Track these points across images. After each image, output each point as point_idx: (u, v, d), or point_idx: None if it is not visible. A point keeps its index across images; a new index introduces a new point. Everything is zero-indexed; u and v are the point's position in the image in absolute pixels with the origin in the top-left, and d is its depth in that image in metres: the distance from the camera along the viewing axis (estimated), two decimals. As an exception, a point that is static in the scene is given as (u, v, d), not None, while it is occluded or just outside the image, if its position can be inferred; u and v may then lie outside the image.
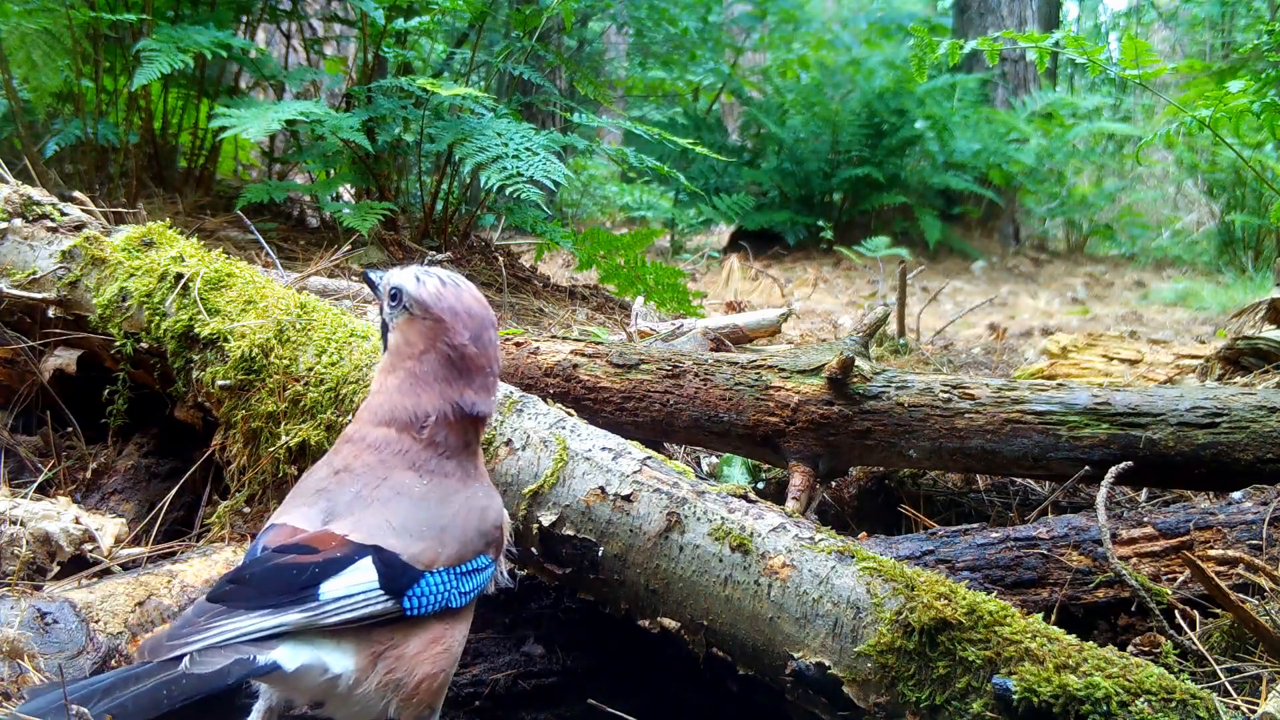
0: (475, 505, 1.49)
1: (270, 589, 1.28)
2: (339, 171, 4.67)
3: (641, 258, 4.75)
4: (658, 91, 12.41)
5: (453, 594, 1.41)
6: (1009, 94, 11.71)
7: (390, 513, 1.41)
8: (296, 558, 1.32)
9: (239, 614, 1.25)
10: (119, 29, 4.19)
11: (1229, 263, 9.99)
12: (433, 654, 1.38)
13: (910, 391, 2.52)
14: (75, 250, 2.45)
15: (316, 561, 1.32)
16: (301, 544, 1.35)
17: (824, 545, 1.70)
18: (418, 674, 1.37)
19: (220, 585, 1.30)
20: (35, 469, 2.52)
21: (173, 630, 1.24)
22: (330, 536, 1.36)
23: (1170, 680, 1.47)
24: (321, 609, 1.29)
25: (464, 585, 1.43)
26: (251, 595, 1.27)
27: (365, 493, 1.44)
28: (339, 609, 1.30)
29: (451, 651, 1.42)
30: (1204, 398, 2.40)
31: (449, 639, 1.41)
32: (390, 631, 1.35)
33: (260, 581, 1.29)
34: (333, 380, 2.06)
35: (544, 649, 2.07)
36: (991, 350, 5.58)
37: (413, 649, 1.37)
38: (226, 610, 1.25)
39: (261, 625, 1.25)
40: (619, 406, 2.61)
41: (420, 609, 1.36)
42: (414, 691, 1.37)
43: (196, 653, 1.21)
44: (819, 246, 10.45)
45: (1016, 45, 3.86)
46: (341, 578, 1.31)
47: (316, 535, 1.37)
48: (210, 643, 1.22)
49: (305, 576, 1.30)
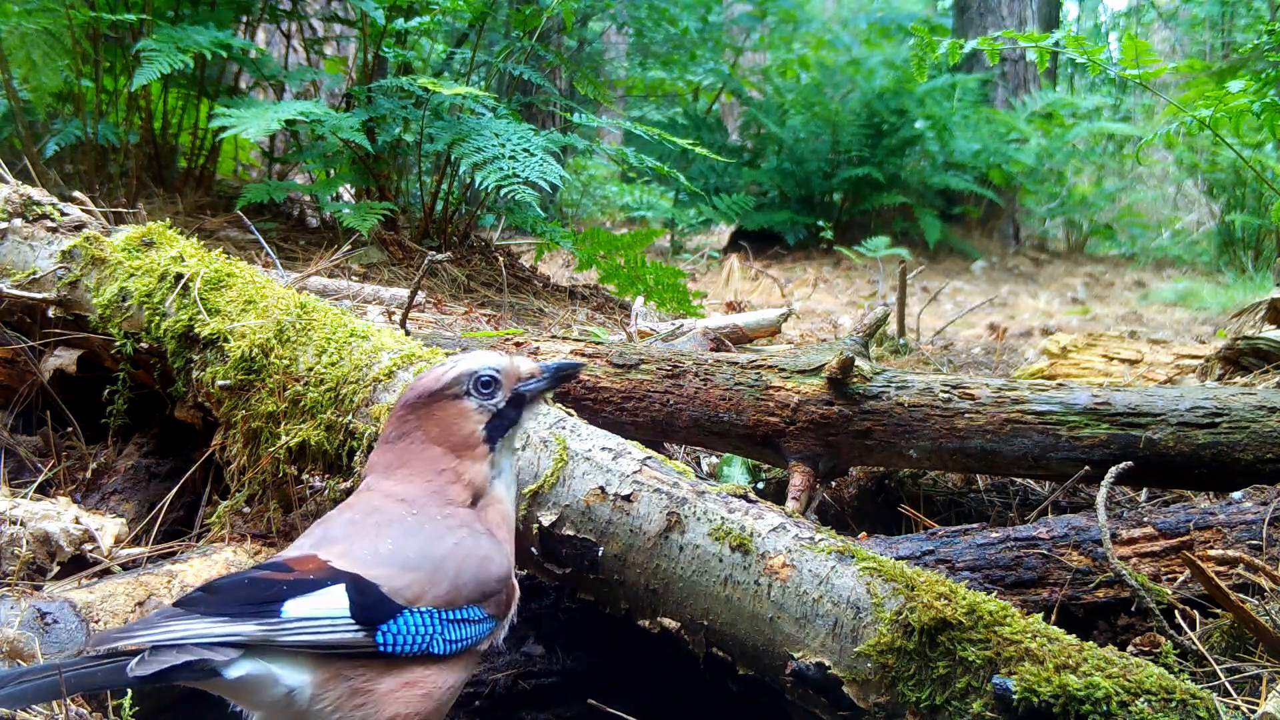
0: (476, 552, 1.44)
1: (233, 600, 1.27)
2: (339, 171, 4.68)
3: (641, 258, 4.75)
4: (658, 91, 12.42)
5: (435, 639, 1.34)
6: (1009, 94, 11.71)
7: (380, 541, 1.38)
8: (269, 574, 1.31)
9: (195, 618, 1.24)
10: (119, 29, 4.20)
11: (1229, 263, 9.99)
12: (406, 696, 1.32)
13: (910, 391, 2.52)
14: (75, 250, 2.45)
15: (286, 580, 1.30)
16: (279, 564, 1.34)
17: (824, 545, 1.70)
18: (386, 713, 1.31)
19: (190, 594, 1.30)
20: (35, 469, 2.52)
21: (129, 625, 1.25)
22: (310, 560, 1.34)
23: (1170, 680, 1.47)
24: (281, 626, 1.26)
25: (450, 633, 1.36)
26: (214, 604, 1.26)
27: (358, 519, 1.42)
28: (299, 629, 1.27)
29: (432, 698, 1.35)
30: (1204, 398, 2.40)
31: (429, 685, 1.35)
32: (362, 665, 1.31)
33: (226, 592, 1.28)
34: (333, 380, 2.06)
35: (544, 649, 2.07)
36: (991, 350, 5.58)
37: (385, 687, 1.31)
38: (184, 614, 1.24)
39: (214, 631, 1.23)
40: (619, 406, 2.61)
41: (396, 647, 1.31)
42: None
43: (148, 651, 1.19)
44: (819, 246, 10.45)
45: (1016, 45, 3.87)
46: (308, 599, 1.28)
47: (298, 558, 1.36)
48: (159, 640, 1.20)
49: (271, 593, 1.28)
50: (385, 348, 2.10)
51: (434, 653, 1.34)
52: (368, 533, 1.40)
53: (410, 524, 1.42)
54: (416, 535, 1.41)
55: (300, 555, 1.36)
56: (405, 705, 1.32)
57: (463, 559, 1.41)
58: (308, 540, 1.42)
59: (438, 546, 1.41)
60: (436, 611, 1.35)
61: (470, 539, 1.45)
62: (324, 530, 1.43)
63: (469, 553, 1.43)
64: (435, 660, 1.35)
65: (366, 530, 1.40)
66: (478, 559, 1.43)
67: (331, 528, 1.43)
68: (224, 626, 1.24)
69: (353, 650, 1.29)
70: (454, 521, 1.46)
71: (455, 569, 1.39)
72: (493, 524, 1.53)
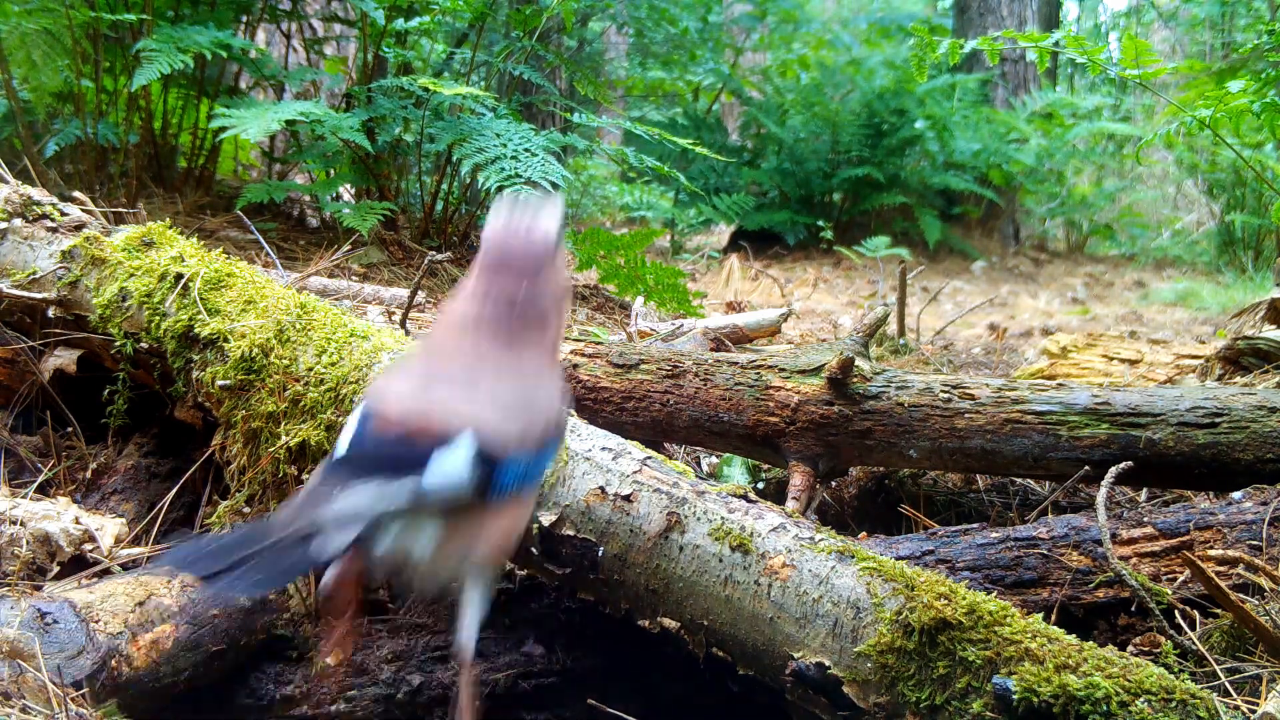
0: (555, 394, 1.58)
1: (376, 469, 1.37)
2: (339, 171, 4.67)
3: (641, 258, 4.74)
4: (658, 91, 12.42)
5: (531, 475, 1.52)
6: (1009, 94, 11.71)
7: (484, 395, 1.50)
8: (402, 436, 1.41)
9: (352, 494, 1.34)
10: (119, 29, 4.19)
11: (1229, 263, 9.99)
12: (504, 525, 1.50)
13: (910, 391, 2.52)
14: (75, 250, 2.45)
15: (417, 446, 1.40)
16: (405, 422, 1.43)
17: (824, 545, 1.70)
18: (493, 540, 1.50)
19: (332, 463, 1.41)
20: (35, 469, 2.52)
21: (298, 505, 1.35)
22: (427, 420, 1.44)
23: (1170, 680, 1.47)
24: (423, 491, 1.37)
25: (541, 465, 1.55)
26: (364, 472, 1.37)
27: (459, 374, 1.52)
28: (437, 490, 1.38)
29: (524, 517, 1.56)
30: (1204, 398, 2.40)
31: (522, 509, 1.54)
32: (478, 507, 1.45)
33: (371, 460, 1.39)
34: (333, 380, 2.06)
35: (544, 649, 2.07)
36: (991, 350, 5.58)
37: (490, 520, 1.48)
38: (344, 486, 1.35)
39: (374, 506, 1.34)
40: (619, 406, 2.61)
41: (505, 489, 1.46)
42: (487, 555, 1.50)
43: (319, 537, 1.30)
44: (819, 246, 10.45)
45: (1016, 45, 3.86)
46: (439, 461, 1.39)
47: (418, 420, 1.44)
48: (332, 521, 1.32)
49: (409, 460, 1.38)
50: (385, 348, 2.10)
51: (529, 483, 1.52)
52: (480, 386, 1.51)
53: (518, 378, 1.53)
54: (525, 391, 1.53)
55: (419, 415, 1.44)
56: (504, 533, 1.51)
57: (547, 403, 1.56)
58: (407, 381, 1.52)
59: (530, 395, 1.54)
60: (533, 453, 1.51)
61: (549, 382, 1.59)
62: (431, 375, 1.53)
63: (550, 396, 1.57)
64: (527, 491, 1.54)
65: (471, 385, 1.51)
66: (555, 400, 1.58)
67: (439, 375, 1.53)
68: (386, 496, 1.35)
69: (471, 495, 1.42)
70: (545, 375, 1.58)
71: (544, 414, 1.54)
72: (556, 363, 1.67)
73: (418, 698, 2.02)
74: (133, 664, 1.80)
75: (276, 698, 2.01)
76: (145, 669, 1.82)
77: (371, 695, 2.02)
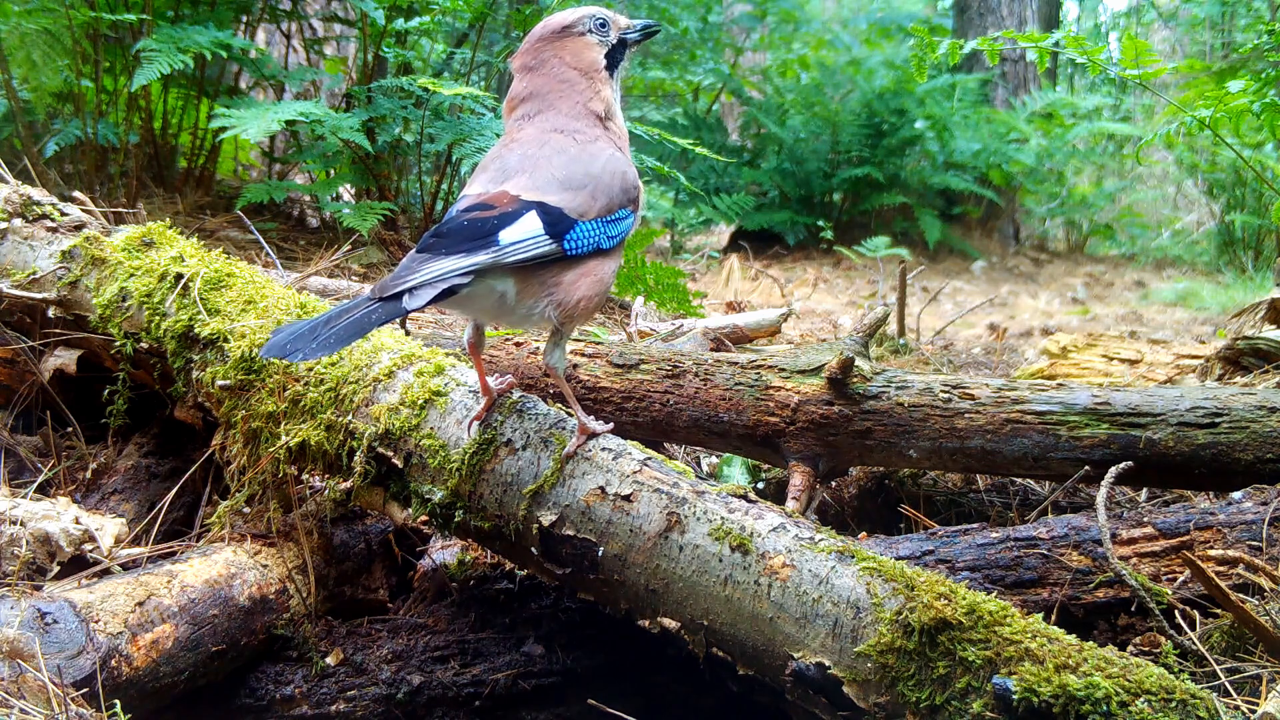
0: (618, 168, 1.82)
1: (462, 238, 1.64)
2: (339, 171, 4.67)
3: (641, 258, 4.74)
4: (658, 91, 12.40)
5: (602, 238, 1.75)
6: (1009, 94, 11.70)
7: (552, 170, 1.75)
8: (479, 214, 1.68)
9: (442, 257, 1.61)
10: (119, 29, 4.19)
11: (1229, 263, 9.98)
12: (587, 281, 1.74)
13: (910, 391, 2.52)
14: (75, 250, 2.45)
15: (494, 216, 1.67)
16: (482, 204, 1.70)
17: (824, 545, 1.70)
18: (576, 295, 1.73)
19: (425, 240, 1.65)
20: (35, 469, 2.52)
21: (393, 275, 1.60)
22: (504, 195, 1.71)
23: (1170, 680, 1.47)
24: (501, 251, 1.64)
25: (611, 231, 1.77)
26: (449, 244, 1.63)
27: (531, 153, 1.78)
28: (513, 251, 1.64)
29: (603, 280, 1.77)
30: (1204, 398, 2.40)
31: (601, 271, 1.77)
32: (553, 267, 1.71)
33: (455, 234, 1.65)
34: (333, 380, 2.06)
35: (544, 649, 2.07)
36: (991, 350, 5.58)
37: (570, 278, 1.72)
38: (431, 256, 1.61)
39: (460, 265, 1.61)
40: (619, 406, 2.61)
41: (577, 249, 1.71)
42: (573, 308, 1.74)
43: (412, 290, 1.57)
44: (819, 246, 10.44)
45: (1016, 45, 3.86)
46: (513, 228, 1.66)
47: (494, 195, 1.71)
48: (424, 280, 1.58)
49: (487, 228, 1.65)
50: (385, 348, 2.10)
51: (602, 248, 1.76)
52: (541, 164, 1.76)
53: (573, 152, 1.79)
54: (579, 161, 1.78)
55: (496, 192, 1.72)
56: (586, 288, 1.75)
57: (612, 175, 1.80)
58: (486, 175, 1.78)
59: (595, 168, 1.79)
60: (601, 219, 1.75)
61: (614, 157, 1.83)
62: (500, 165, 1.78)
63: (615, 169, 1.81)
64: (602, 253, 1.77)
65: (539, 162, 1.77)
66: (621, 173, 1.81)
67: (507, 163, 1.78)
68: (464, 260, 1.61)
69: (546, 258, 1.69)
70: (601, 144, 1.84)
71: (608, 184, 1.78)
72: (621, 140, 1.91)
73: (418, 698, 2.02)
74: (133, 664, 1.80)
75: (276, 698, 2.01)
76: (145, 669, 1.82)
77: (371, 695, 2.02)
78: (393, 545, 2.36)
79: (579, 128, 1.83)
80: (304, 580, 2.15)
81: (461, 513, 1.89)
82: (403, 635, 2.10)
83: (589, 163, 1.79)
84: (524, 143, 1.81)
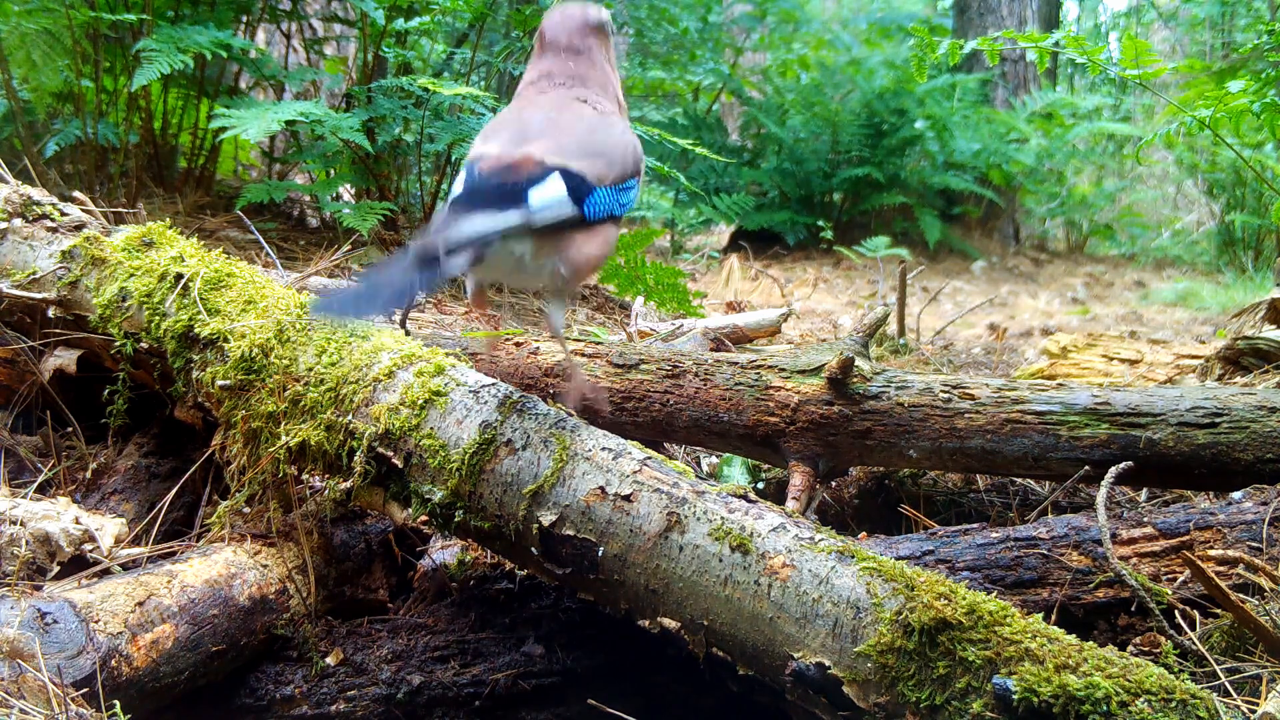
0: (631, 140, 1.92)
1: (491, 199, 1.69)
2: (339, 171, 4.67)
3: (641, 258, 4.74)
4: (658, 91, 12.40)
5: (614, 204, 1.83)
6: (1009, 94, 11.70)
7: (574, 137, 1.83)
8: (506, 177, 1.72)
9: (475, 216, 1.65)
10: (119, 29, 4.19)
11: (1229, 263, 9.99)
12: (597, 243, 1.82)
13: (910, 391, 2.52)
14: (75, 250, 2.45)
15: (521, 179, 1.72)
16: (508, 164, 1.74)
17: (824, 545, 1.70)
18: (585, 254, 1.81)
19: (454, 199, 1.71)
20: (35, 469, 2.52)
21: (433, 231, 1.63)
22: (529, 159, 1.75)
23: (1170, 680, 1.47)
24: (532, 213, 1.69)
25: (622, 199, 1.86)
26: (479, 204, 1.68)
27: (554, 117, 1.86)
28: (541, 213, 1.70)
29: (609, 242, 1.86)
30: (1204, 398, 2.40)
31: (609, 234, 1.86)
32: (568, 230, 1.77)
33: (483, 194, 1.70)
34: (333, 380, 2.06)
35: (544, 649, 2.07)
36: (991, 350, 5.58)
37: (580, 238, 1.79)
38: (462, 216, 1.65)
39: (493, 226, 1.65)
40: (619, 406, 2.61)
41: (594, 214, 1.78)
42: (581, 265, 1.81)
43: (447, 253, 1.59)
44: (819, 246, 10.44)
45: (1016, 45, 3.86)
46: (539, 190, 1.71)
47: (519, 159, 1.75)
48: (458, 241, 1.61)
49: (515, 190, 1.70)
50: (385, 348, 2.10)
51: (614, 214, 1.84)
52: (564, 129, 1.84)
53: (593, 122, 1.89)
54: (599, 130, 1.88)
55: (521, 155, 1.76)
56: (597, 247, 1.82)
57: (625, 146, 1.89)
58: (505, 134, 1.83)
59: (612, 138, 1.88)
60: (614, 187, 1.83)
61: (627, 130, 1.95)
62: (521, 126, 1.84)
63: (628, 142, 1.91)
64: (613, 219, 1.85)
65: (562, 128, 1.84)
66: (632, 146, 1.92)
67: (529, 125, 1.84)
68: (497, 221, 1.66)
69: (568, 222, 1.75)
70: (616, 119, 1.95)
71: (623, 155, 1.87)
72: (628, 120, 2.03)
73: (418, 698, 2.02)
74: (133, 664, 1.80)
75: (276, 698, 2.01)
76: (145, 669, 1.82)
77: (371, 695, 2.02)
78: (393, 545, 2.36)
79: (601, 102, 1.93)
80: (304, 580, 2.15)
81: (461, 513, 1.89)
82: (403, 635, 2.10)
83: (607, 131, 1.88)
84: (544, 107, 1.89)
